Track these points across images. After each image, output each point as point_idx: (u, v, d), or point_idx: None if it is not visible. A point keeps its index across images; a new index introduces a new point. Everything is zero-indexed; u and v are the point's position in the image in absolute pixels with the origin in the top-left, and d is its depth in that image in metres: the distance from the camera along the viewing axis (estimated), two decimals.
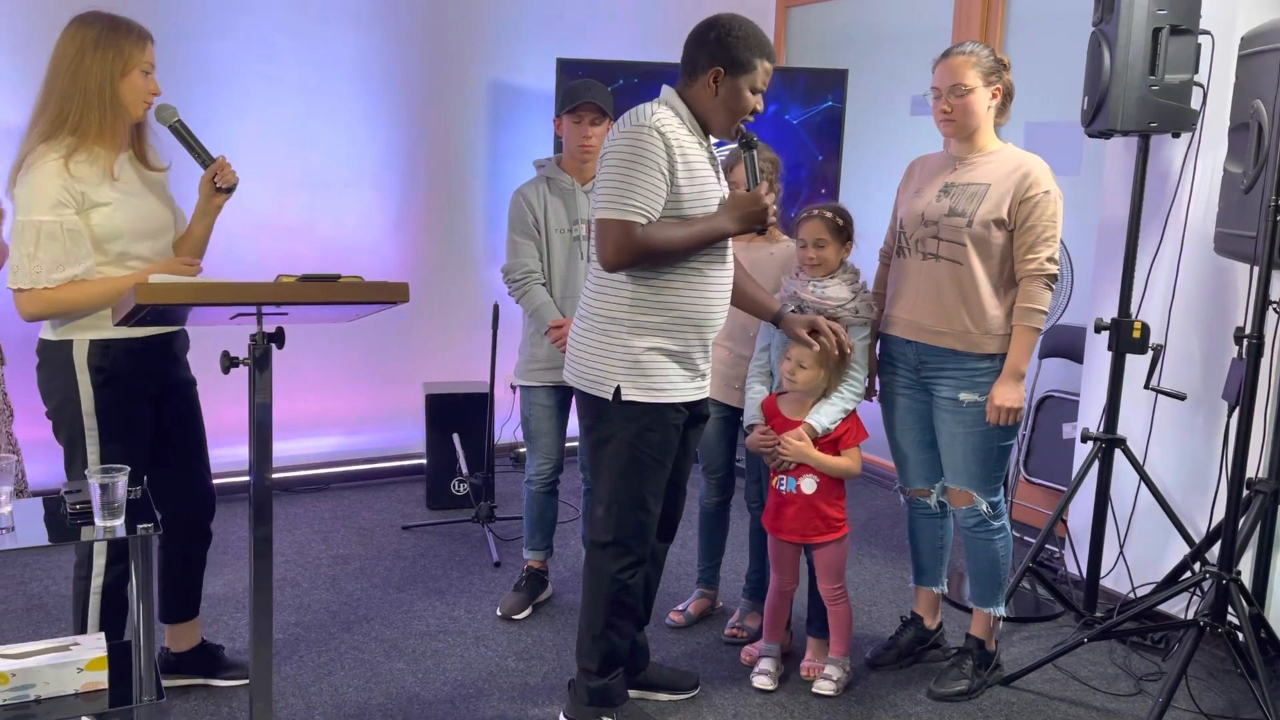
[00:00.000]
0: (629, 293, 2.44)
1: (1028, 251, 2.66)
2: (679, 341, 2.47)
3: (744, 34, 2.41)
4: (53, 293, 2.27)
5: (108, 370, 2.37)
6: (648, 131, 2.33)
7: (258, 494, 2.14)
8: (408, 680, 2.92)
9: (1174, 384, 3.27)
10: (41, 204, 2.24)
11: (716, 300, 2.51)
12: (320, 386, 4.55)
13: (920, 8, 4.69)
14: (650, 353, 2.45)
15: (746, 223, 2.44)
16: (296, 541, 3.93)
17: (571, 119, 3.16)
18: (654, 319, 2.44)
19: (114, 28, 2.32)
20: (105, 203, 2.32)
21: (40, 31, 3.82)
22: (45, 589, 3.42)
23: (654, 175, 2.34)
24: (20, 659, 2.04)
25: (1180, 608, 3.24)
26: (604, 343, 2.47)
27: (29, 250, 2.25)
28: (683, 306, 2.45)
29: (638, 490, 2.50)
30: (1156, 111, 3.03)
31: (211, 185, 2.51)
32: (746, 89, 2.42)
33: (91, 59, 2.29)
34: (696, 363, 2.52)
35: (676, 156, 2.37)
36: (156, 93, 2.41)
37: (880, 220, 3.07)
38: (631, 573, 2.55)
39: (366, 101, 4.52)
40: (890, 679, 3.01)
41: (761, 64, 2.42)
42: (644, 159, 2.33)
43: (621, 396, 2.45)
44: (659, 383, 2.46)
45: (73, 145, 2.29)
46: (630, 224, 2.34)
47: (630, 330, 2.44)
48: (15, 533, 1.98)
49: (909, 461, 2.95)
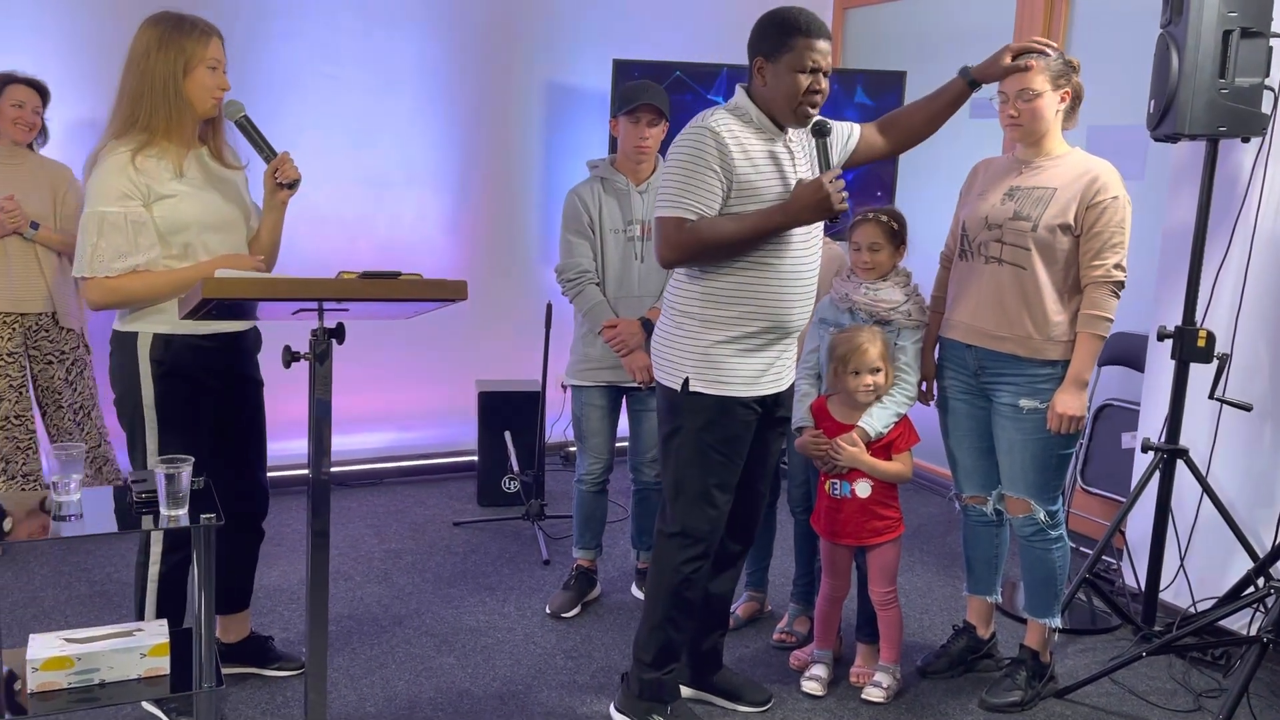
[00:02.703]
0: (700, 288, 2.46)
1: (1094, 258, 2.62)
2: (751, 336, 2.47)
3: (779, 18, 2.39)
4: (114, 281, 2.34)
5: (168, 364, 2.42)
6: (702, 132, 2.38)
7: (315, 488, 2.17)
8: (457, 675, 2.95)
9: (1240, 394, 3.19)
10: (107, 196, 2.31)
11: (792, 294, 2.48)
12: (375, 382, 4.62)
13: (980, 8, 4.63)
14: (720, 346, 2.46)
15: (805, 213, 2.37)
16: (350, 535, 3.99)
17: (629, 120, 3.17)
18: (724, 313, 2.45)
19: (178, 26, 2.36)
20: (170, 195, 2.37)
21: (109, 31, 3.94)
22: (108, 575, 3.51)
23: (706, 174, 2.36)
24: (86, 643, 2.09)
25: (1242, 623, 3.16)
26: (678, 336, 2.51)
27: (93, 240, 2.32)
28: (754, 300, 2.45)
29: (703, 482, 2.51)
30: (1226, 115, 2.96)
31: (273, 180, 2.54)
32: (791, 71, 2.37)
33: (157, 58, 2.34)
34: (772, 358, 2.52)
35: (735, 156, 2.37)
36: (224, 88, 2.44)
37: (936, 224, 3.04)
38: (695, 565, 2.55)
39: (425, 102, 4.58)
40: (941, 688, 2.97)
41: (801, 41, 2.36)
42: (697, 159, 2.37)
43: (690, 388, 2.47)
44: (726, 376, 2.47)
45: (143, 141, 2.35)
46: (680, 220, 2.38)
47: (702, 324, 2.47)
48: (83, 519, 2.04)
49: (965, 468, 2.92)
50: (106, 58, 3.92)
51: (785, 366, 2.59)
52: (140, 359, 2.41)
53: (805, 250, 2.50)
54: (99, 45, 3.93)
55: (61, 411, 3.62)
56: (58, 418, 3.62)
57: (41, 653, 2.05)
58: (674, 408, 2.53)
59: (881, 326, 2.83)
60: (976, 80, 2.62)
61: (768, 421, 2.60)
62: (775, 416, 2.63)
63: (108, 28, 3.94)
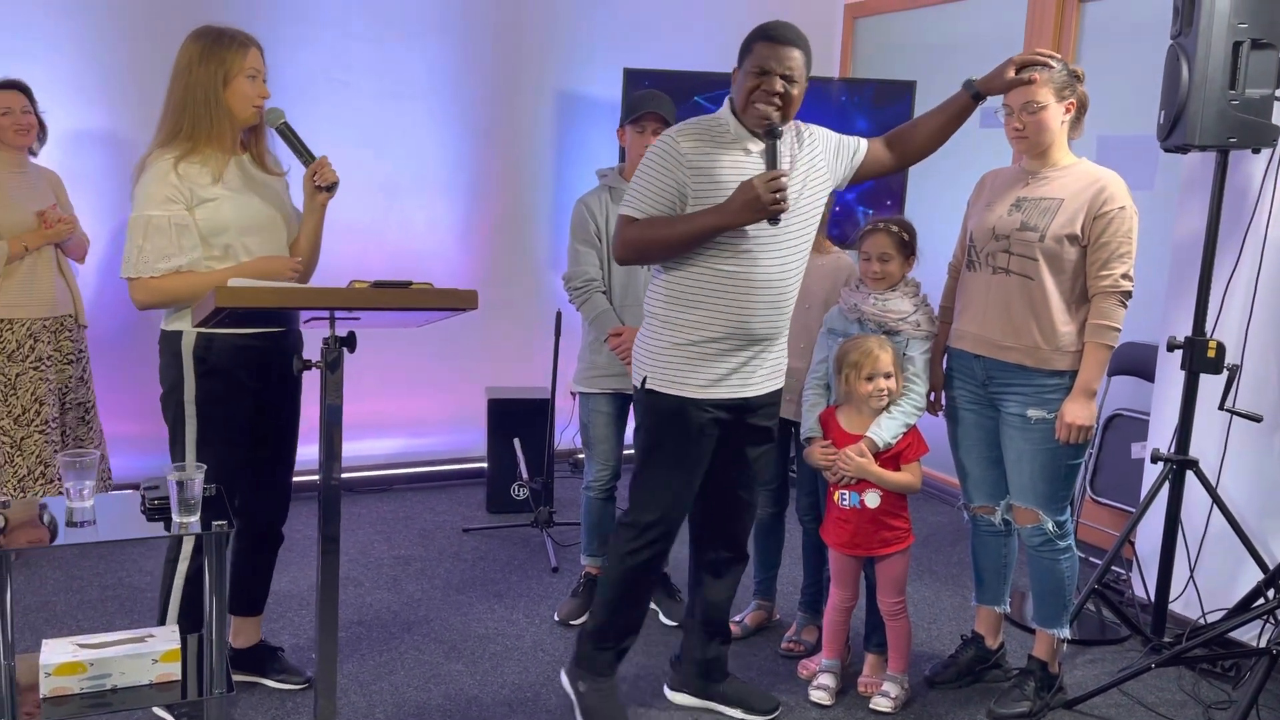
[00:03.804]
0: (664, 289, 2.54)
1: (1102, 268, 2.62)
2: (713, 340, 2.50)
3: (756, 28, 2.46)
4: (158, 281, 2.42)
5: (210, 362, 2.49)
6: (665, 139, 2.48)
7: (326, 493, 2.18)
8: (466, 682, 2.96)
9: (1250, 405, 3.19)
10: (152, 200, 2.41)
11: (756, 302, 2.48)
12: (384, 389, 4.64)
13: (990, 18, 4.64)
14: (679, 348, 2.52)
15: (740, 213, 2.36)
16: (359, 541, 4.00)
17: (635, 129, 3.18)
18: (685, 315, 2.51)
19: (218, 39, 2.45)
20: (211, 199, 2.45)
21: (114, 43, 3.98)
22: (120, 580, 3.53)
23: (660, 177, 2.45)
24: (98, 649, 2.11)
25: (1252, 635, 3.15)
26: (644, 335, 2.60)
27: (138, 242, 2.41)
28: (714, 306, 2.48)
29: (657, 477, 2.58)
30: (1236, 126, 2.96)
31: (312, 184, 2.60)
32: (747, 73, 2.43)
33: (198, 70, 2.43)
34: (737, 363, 2.53)
35: (696, 162, 2.44)
36: (264, 96, 2.52)
37: (945, 234, 3.04)
38: (643, 555, 2.60)
39: (437, 110, 4.60)
40: (949, 698, 2.97)
41: (761, 44, 2.42)
42: (652, 164, 2.48)
43: (647, 386, 2.56)
44: (680, 377, 2.52)
45: (186, 149, 2.45)
46: (629, 218, 2.49)
47: (663, 324, 2.54)
48: (96, 526, 2.05)
49: (973, 478, 2.92)
50: (111, 69, 3.99)
51: (757, 372, 2.57)
52: (184, 357, 2.48)
53: (775, 259, 2.48)
54: (105, 56, 3.97)
55: (73, 411, 3.66)
56: (70, 417, 3.66)
57: (54, 658, 2.06)
58: (636, 404, 2.63)
59: (890, 337, 2.84)
60: (981, 93, 2.62)
61: (743, 429, 2.61)
62: (751, 424, 2.63)
63: (114, 40, 3.98)
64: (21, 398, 3.48)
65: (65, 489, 2.08)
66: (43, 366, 3.52)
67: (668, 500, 2.58)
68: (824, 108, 4.57)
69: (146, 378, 2.84)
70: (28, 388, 3.49)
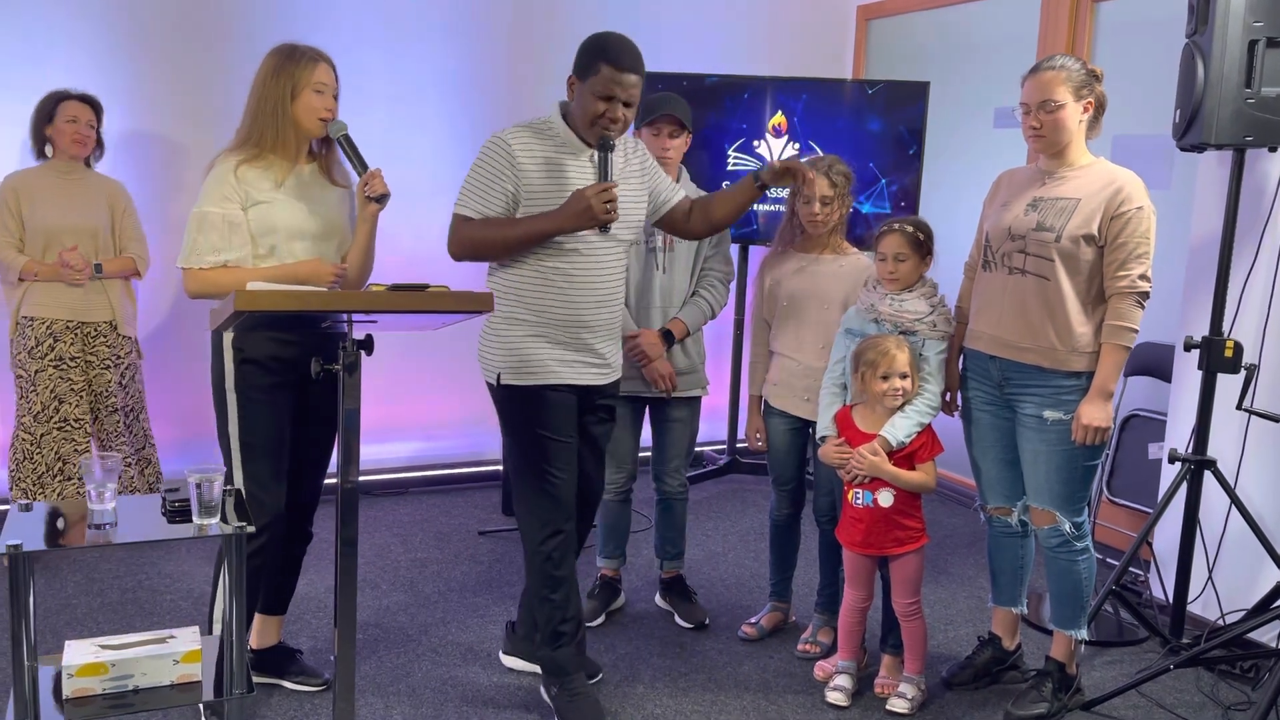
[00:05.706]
0: (501, 288, 2.66)
1: (1119, 268, 2.61)
2: (549, 334, 2.63)
3: (596, 43, 2.55)
4: (206, 273, 2.56)
5: (246, 350, 2.58)
6: (495, 142, 2.59)
7: (344, 497, 2.20)
8: (483, 684, 2.97)
9: (1268, 405, 3.17)
10: (210, 198, 2.55)
11: (580, 296, 2.62)
12: (400, 392, 4.65)
13: (1004, 18, 4.63)
14: (525, 340, 2.63)
15: (571, 219, 2.51)
16: (376, 544, 4.02)
17: (650, 131, 3.19)
18: (520, 312, 2.63)
19: (290, 55, 2.60)
20: (265, 201, 2.58)
21: (145, 46, 4.01)
22: (139, 583, 3.56)
23: (491, 179, 2.57)
24: (120, 650, 2.13)
25: (1271, 636, 3.14)
26: (488, 333, 2.71)
27: (193, 235, 2.56)
28: (541, 303, 2.61)
29: (534, 466, 2.66)
30: (1252, 125, 2.95)
31: (364, 194, 2.68)
32: (592, 95, 2.51)
33: (270, 84, 2.58)
34: (582, 351, 2.66)
35: (525, 165, 2.55)
36: (330, 108, 2.63)
37: (960, 234, 3.04)
38: (553, 543, 2.69)
39: (450, 113, 4.62)
40: (966, 699, 2.96)
41: (606, 69, 2.50)
42: (484, 165, 2.59)
43: (502, 382, 2.66)
44: (532, 366, 2.63)
45: (252, 154, 2.59)
46: (462, 217, 2.61)
47: (505, 320, 2.66)
48: (117, 528, 2.07)
49: (990, 479, 2.91)
50: (142, 71, 4.02)
51: (602, 361, 2.70)
52: (225, 345, 2.58)
53: (592, 259, 2.62)
54: (136, 60, 4.01)
55: (115, 415, 3.73)
56: (110, 421, 3.73)
57: (77, 659, 2.08)
58: (496, 402, 2.73)
59: (906, 337, 2.84)
60: (766, 184, 2.76)
61: (586, 407, 2.74)
62: (594, 404, 2.76)
63: (145, 43, 4.02)
64: (41, 395, 3.58)
65: (86, 491, 2.10)
66: (64, 367, 3.60)
67: (551, 483, 2.67)
68: (837, 110, 4.57)
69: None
70: (46, 385, 3.58)
